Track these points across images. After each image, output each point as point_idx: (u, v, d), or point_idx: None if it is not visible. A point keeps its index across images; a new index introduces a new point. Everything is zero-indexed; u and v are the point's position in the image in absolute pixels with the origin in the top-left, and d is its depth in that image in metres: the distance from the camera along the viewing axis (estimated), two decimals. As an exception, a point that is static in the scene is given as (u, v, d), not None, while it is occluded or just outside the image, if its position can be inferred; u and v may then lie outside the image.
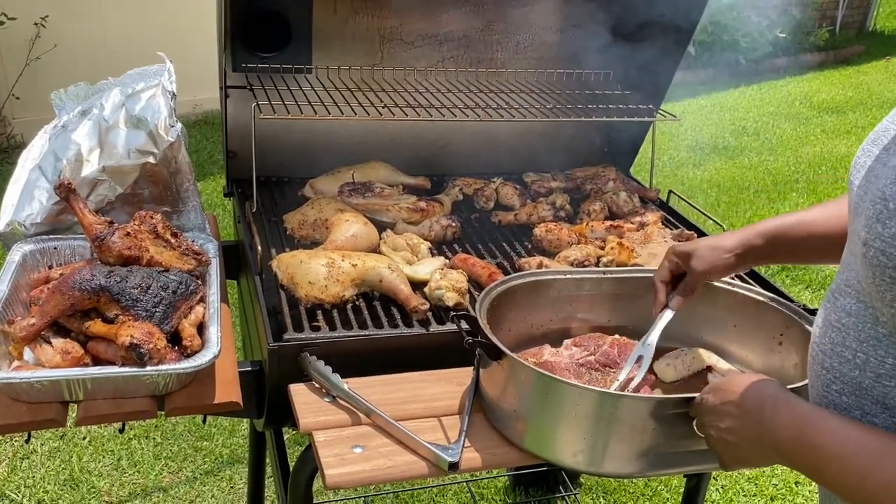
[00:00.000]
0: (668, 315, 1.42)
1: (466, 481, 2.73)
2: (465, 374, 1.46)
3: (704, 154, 6.18)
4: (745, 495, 2.81)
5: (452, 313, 1.37)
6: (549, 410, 1.20)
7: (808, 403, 1.00)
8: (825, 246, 1.26)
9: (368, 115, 1.86)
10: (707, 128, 6.62)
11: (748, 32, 8.27)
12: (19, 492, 2.65)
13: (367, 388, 1.39)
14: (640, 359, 1.40)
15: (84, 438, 2.90)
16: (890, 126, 0.97)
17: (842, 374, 0.97)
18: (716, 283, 1.54)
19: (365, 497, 2.64)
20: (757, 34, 8.38)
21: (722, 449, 1.08)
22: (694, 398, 1.14)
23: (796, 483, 2.86)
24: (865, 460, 0.88)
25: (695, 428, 1.13)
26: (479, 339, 1.28)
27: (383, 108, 1.90)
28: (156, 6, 5.93)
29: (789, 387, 1.17)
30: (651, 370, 1.49)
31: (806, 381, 1.14)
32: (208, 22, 1.89)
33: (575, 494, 2.68)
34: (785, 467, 1.15)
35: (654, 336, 1.41)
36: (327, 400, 1.38)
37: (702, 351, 1.54)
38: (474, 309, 1.59)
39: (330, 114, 1.82)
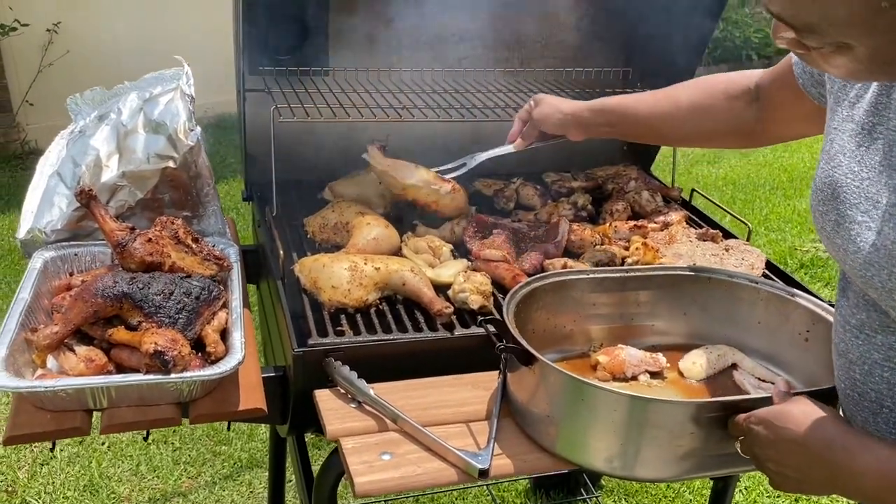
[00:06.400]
0: (508, 147, 1.77)
1: (487, 484, 2.71)
2: (491, 378, 1.44)
3: (718, 151, 6.13)
4: (768, 496, 2.78)
5: (480, 318, 1.35)
6: (583, 416, 1.17)
7: (881, 442, 0.99)
8: (640, 126, 1.60)
9: (388, 116, 1.84)
10: (720, 125, 6.56)
11: (760, 28, 8.22)
12: (39, 498, 2.65)
13: (393, 393, 1.37)
14: (462, 165, 1.85)
15: (103, 444, 2.90)
16: (842, 178, 0.99)
17: None
18: (738, 280, 1.52)
19: (385, 500, 2.62)
20: (769, 30, 8.32)
21: (782, 481, 1.07)
22: (733, 402, 1.12)
23: (821, 483, 2.82)
24: None
25: (739, 450, 1.11)
26: (510, 344, 1.26)
27: (402, 109, 1.88)
28: (167, 12, 5.95)
29: (818, 388, 1.16)
30: (675, 367, 1.49)
31: (833, 385, 1.13)
32: (218, 26, 1.88)
33: (597, 497, 2.65)
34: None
35: (483, 154, 1.82)
36: (353, 406, 1.36)
37: (727, 348, 1.52)
38: (498, 311, 1.58)
39: (350, 116, 1.81)
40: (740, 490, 2.80)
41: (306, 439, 2.80)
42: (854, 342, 1.02)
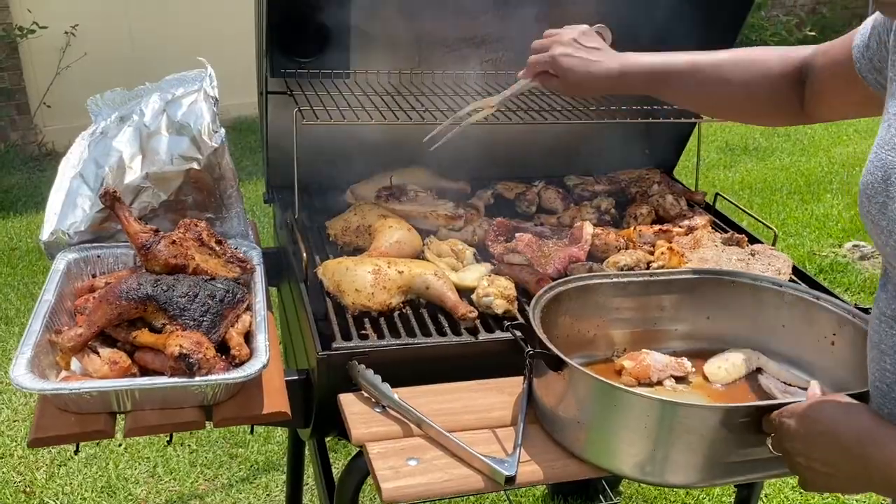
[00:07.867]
0: (523, 83, 1.61)
1: (505, 489, 2.69)
2: (516, 383, 1.42)
3: (735, 155, 6.10)
4: (789, 504, 2.74)
5: (507, 323, 1.33)
6: (614, 421, 1.16)
7: None
8: (679, 98, 1.49)
9: (411, 119, 1.83)
10: (737, 129, 6.53)
11: (777, 31, 8.17)
12: (57, 499, 2.65)
13: (418, 397, 1.36)
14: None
15: (120, 445, 2.90)
16: (893, 161, 0.97)
17: None
18: (762, 284, 1.50)
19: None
20: (786, 33, 8.28)
21: (812, 477, 1.05)
22: (766, 406, 1.10)
23: (843, 492, 2.78)
24: None
25: (770, 447, 1.10)
26: (539, 349, 1.24)
27: (425, 111, 1.87)
28: (183, 15, 5.98)
29: (850, 392, 1.14)
30: (700, 371, 1.47)
31: (867, 389, 1.10)
32: (234, 29, 1.89)
33: (615, 503, 2.63)
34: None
35: (500, 96, 1.66)
36: (377, 410, 1.35)
37: (751, 352, 1.50)
38: (522, 315, 1.56)
39: (372, 119, 1.80)
40: (760, 499, 2.77)
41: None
42: (888, 332, 1.01)
